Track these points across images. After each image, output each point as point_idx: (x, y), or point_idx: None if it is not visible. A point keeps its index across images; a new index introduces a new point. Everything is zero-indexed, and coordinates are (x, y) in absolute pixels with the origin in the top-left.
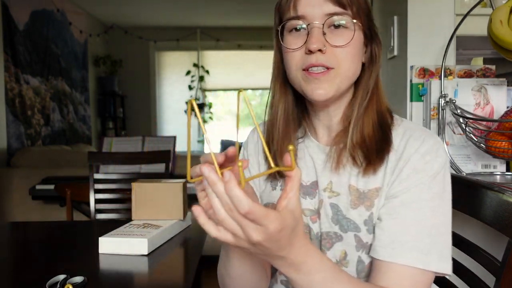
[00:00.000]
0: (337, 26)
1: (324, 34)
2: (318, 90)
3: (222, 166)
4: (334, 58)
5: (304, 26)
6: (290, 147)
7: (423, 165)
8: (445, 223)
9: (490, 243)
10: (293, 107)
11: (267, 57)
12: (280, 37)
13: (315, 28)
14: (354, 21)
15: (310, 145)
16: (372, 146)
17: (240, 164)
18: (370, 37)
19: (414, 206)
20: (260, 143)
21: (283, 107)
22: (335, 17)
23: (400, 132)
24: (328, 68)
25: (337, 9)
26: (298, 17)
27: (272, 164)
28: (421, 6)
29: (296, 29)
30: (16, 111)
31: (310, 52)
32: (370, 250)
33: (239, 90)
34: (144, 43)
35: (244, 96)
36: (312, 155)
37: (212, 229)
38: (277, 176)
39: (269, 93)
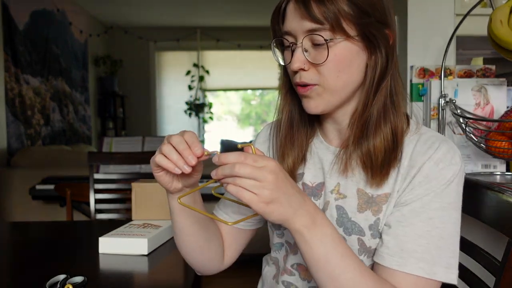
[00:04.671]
0: (316, 44)
1: (306, 51)
2: (306, 104)
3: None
4: (316, 75)
5: (289, 43)
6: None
7: (436, 173)
8: (453, 233)
9: (490, 243)
10: (299, 112)
11: (267, 57)
12: (278, 49)
13: (297, 47)
14: (330, 38)
15: (319, 146)
16: (377, 161)
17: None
18: (370, 42)
19: (425, 215)
20: (268, 141)
21: (287, 113)
22: (313, 35)
23: (414, 139)
24: (311, 85)
25: (314, 25)
26: (284, 33)
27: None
28: (421, 6)
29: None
30: (16, 111)
31: (294, 71)
32: (375, 256)
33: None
34: (144, 43)
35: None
36: (321, 156)
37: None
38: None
39: (278, 98)
